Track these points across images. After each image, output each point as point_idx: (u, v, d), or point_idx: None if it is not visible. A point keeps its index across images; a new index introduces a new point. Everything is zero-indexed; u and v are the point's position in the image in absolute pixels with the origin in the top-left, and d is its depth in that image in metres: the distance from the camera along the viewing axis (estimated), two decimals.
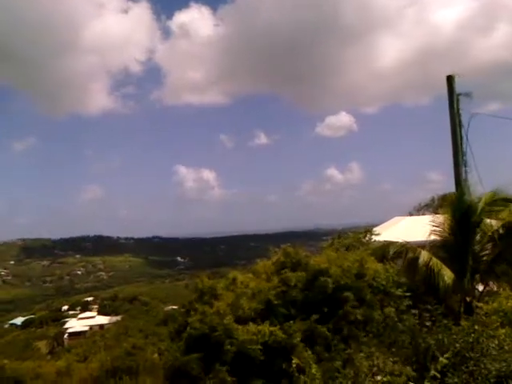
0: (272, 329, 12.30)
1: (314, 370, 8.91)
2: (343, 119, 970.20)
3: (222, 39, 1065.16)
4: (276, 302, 13.43)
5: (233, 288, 14.97)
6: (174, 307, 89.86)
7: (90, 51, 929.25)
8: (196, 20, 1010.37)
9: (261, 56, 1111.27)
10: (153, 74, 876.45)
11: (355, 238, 20.00)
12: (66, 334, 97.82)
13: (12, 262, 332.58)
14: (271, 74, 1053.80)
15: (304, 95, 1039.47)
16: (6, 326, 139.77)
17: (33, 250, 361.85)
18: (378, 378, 7.75)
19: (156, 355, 14.53)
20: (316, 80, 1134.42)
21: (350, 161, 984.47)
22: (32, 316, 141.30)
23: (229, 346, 12.21)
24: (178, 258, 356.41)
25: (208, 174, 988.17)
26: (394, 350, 9.34)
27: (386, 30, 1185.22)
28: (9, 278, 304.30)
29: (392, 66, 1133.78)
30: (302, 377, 8.90)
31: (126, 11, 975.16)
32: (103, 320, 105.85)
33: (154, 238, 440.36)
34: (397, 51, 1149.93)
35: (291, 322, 12.62)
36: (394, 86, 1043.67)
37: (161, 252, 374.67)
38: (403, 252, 14.71)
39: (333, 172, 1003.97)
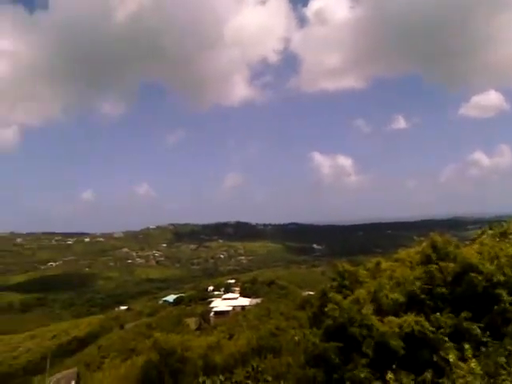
0: (418, 319, 11.81)
1: (473, 365, 8.43)
2: (492, 98, 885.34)
3: (359, 21, 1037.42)
4: (422, 295, 12.82)
5: (376, 275, 14.60)
6: (311, 293, 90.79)
7: (232, 45, 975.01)
8: (331, 4, 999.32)
9: (400, 36, 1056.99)
10: (289, 62, 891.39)
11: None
12: (212, 313, 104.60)
13: (164, 245, 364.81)
14: (411, 54, 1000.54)
15: (447, 74, 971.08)
16: (160, 302, 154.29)
17: (182, 234, 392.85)
18: None
19: (297, 338, 14.89)
20: (461, 57, 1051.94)
21: (499, 143, 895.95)
22: (182, 294, 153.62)
23: (369, 339, 12.00)
24: (315, 245, 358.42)
25: (344, 161, 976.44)
26: None
27: None
28: (162, 259, 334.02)
29: None
30: (458, 371, 8.46)
31: (263, 3, 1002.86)
32: (245, 301, 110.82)
33: (290, 224, 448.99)
34: None
35: (438, 314, 11.99)
36: None
37: (297, 238, 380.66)
38: None
39: (479, 156, 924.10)
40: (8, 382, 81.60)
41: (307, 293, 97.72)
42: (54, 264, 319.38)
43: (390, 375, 9.81)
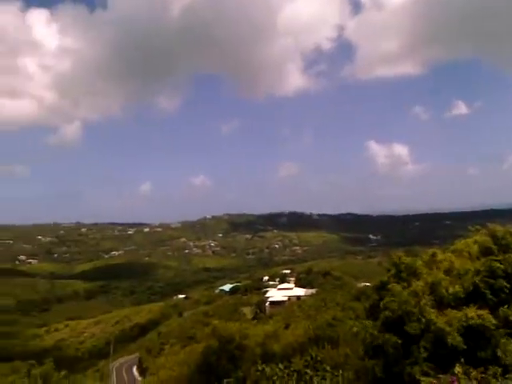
0: (480, 313, 11.55)
1: None
2: None
3: (416, 3, 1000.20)
4: (483, 289, 12.49)
5: (433, 266, 14.33)
6: (367, 284, 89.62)
7: (285, 33, 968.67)
8: None
9: (461, 17, 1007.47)
10: (343, 49, 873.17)
11: None
12: (267, 302, 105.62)
13: (220, 235, 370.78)
14: (472, 36, 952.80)
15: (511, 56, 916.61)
16: (217, 291, 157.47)
17: (237, 224, 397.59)
18: None
19: (355, 329, 14.91)
20: None
21: None
22: (238, 284, 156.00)
23: (428, 333, 11.85)
24: (370, 236, 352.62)
25: (400, 149, 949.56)
26: None
27: None
28: (218, 249, 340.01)
29: None
30: None
31: None
32: (300, 292, 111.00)
33: (346, 214, 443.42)
34: None
35: (505, 307, 11.66)
36: None
37: (353, 229, 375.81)
38: None
39: None
40: (75, 365, 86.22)
41: (363, 284, 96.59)
42: (116, 253, 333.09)
43: (458, 369, 9.70)
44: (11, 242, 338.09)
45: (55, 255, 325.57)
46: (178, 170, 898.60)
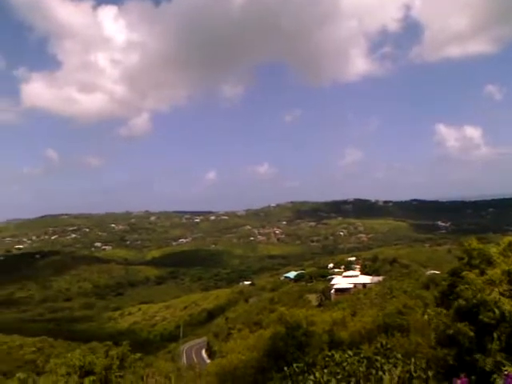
0: None
1: None
2: None
3: None
4: None
5: (510, 254, 13.71)
6: (436, 272, 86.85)
7: (349, 16, 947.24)
8: None
9: None
10: (411, 30, 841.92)
11: None
12: (333, 290, 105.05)
13: (284, 223, 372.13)
14: None
15: None
16: (282, 278, 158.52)
17: (301, 211, 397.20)
18: None
19: (426, 317, 14.64)
20: None
21: None
22: (302, 271, 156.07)
23: (504, 323, 11.41)
24: (439, 222, 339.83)
25: (472, 132, 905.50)
26: None
27: None
28: (282, 236, 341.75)
29: None
30: None
31: None
32: (366, 279, 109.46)
33: (412, 201, 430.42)
34: None
35: None
36: None
37: (420, 215, 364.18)
38: None
39: None
40: (147, 347, 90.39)
41: (431, 272, 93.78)
42: (184, 240, 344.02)
43: None
44: (88, 229, 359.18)
45: (127, 242, 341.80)
46: (242, 158, 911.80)
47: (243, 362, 20.12)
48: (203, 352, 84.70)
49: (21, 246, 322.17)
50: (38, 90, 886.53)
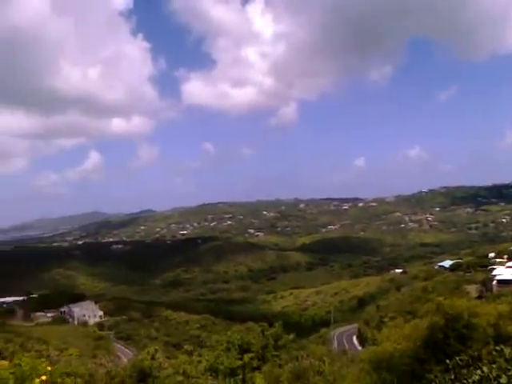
0: None
1: None
2: None
3: None
4: None
5: None
6: None
7: None
8: None
9: None
10: None
11: None
12: (495, 281, 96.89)
13: (437, 209, 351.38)
14: None
15: None
16: (436, 267, 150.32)
17: (456, 197, 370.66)
18: None
19: None
20: None
21: None
22: (459, 260, 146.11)
23: None
24: None
25: None
26: None
27: None
28: (435, 223, 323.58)
29: None
30: None
31: None
32: None
33: None
34: None
35: None
36: None
37: None
38: None
39: None
40: (298, 330, 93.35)
41: None
42: (332, 227, 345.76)
43: None
44: (241, 217, 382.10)
45: (278, 229, 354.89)
46: (392, 143, 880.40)
47: (399, 351, 20.00)
48: (354, 338, 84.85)
49: (184, 232, 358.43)
50: (195, 89, 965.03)
